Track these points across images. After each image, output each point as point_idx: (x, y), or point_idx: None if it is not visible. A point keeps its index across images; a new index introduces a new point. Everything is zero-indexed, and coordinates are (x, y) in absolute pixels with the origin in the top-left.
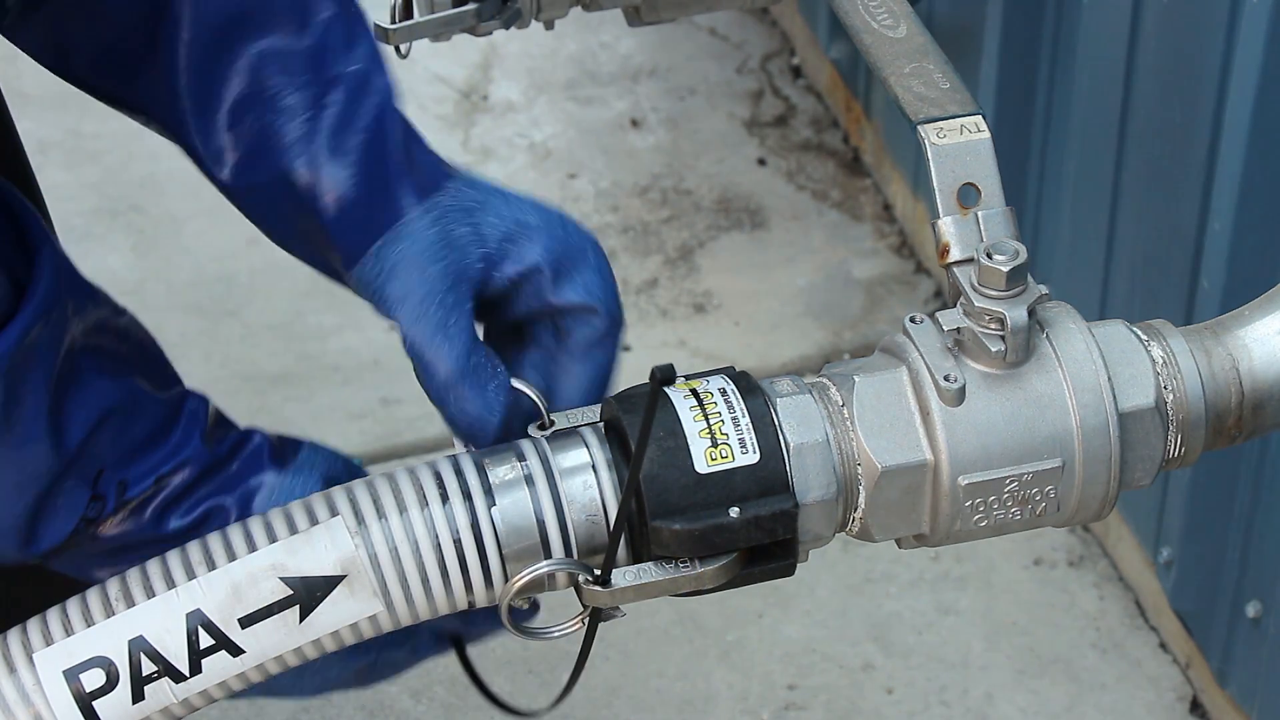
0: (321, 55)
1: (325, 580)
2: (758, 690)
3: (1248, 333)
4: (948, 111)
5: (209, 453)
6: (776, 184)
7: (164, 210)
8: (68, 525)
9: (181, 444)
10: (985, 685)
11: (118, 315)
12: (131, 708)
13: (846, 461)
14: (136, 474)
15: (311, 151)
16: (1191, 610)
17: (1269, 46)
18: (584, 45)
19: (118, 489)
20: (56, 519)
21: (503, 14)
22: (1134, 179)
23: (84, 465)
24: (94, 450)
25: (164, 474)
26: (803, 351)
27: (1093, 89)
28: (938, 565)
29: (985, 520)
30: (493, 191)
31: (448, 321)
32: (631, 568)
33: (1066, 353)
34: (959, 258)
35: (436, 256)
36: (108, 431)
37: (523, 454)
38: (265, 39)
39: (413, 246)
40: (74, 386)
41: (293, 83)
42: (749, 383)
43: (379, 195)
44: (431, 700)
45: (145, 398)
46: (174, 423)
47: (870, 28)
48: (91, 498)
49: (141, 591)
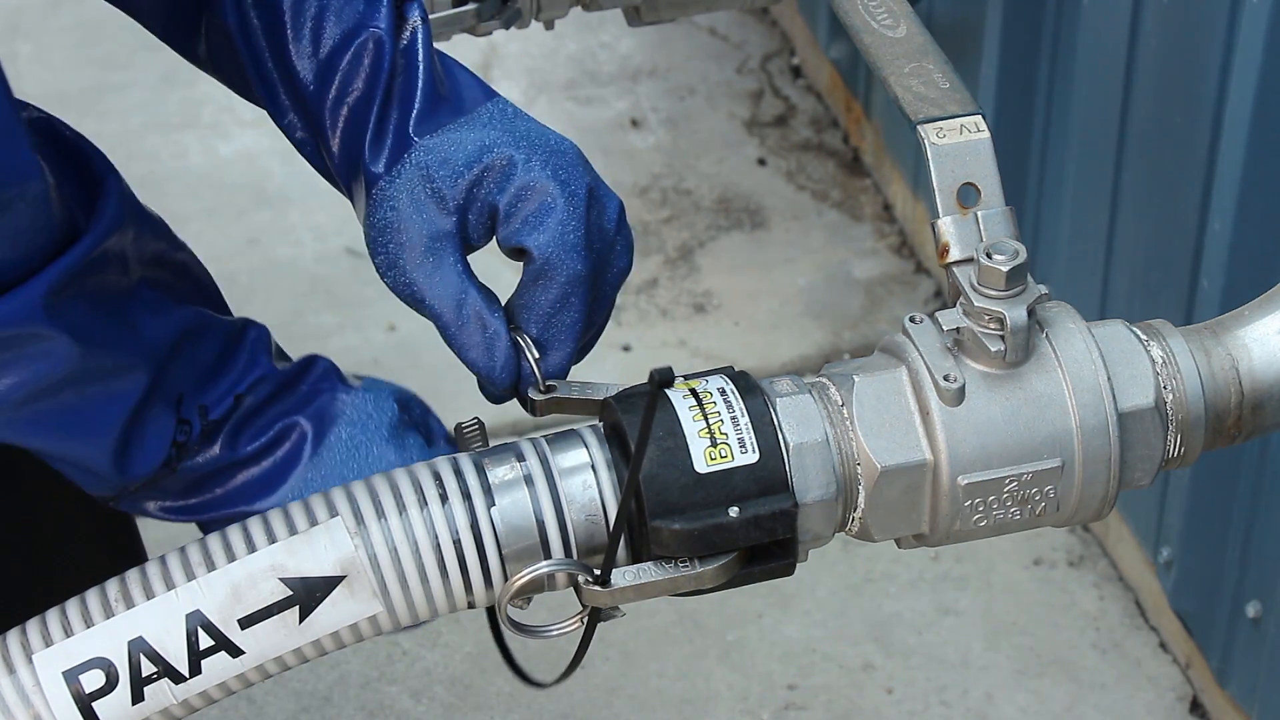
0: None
1: (325, 581)
2: (758, 690)
3: (1247, 333)
4: (948, 111)
5: (279, 371)
6: (776, 184)
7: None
8: (159, 451)
9: (251, 364)
10: (985, 685)
11: (176, 250)
12: (131, 709)
13: (846, 461)
14: (215, 396)
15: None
16: (1191, 610)
17: (1269, 46)
18: (584, 45)
19: (200, 412)
20: (147, 444)
21: (503, 14)
22: (1134, 179)
23: (165, 389)
24: (173, 373)
25: (240, 393)
26: (803, 351)
27: (1093, 89)
28: (938, 565)
29: (985, 520)
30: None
31: (432, 277)
32: (631, 568)
33: (1066, 353)
34: (959, 258)
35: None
36: (182, 355)
37: (522, 454)
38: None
39: (390, 213)
40: (145, 310)
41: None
42: (748, 383)
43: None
44: (431, 700)
45: (212, 321)
46: (239, 345)
47: (870, 28)
48: (178, 422)
49: (141, 592)
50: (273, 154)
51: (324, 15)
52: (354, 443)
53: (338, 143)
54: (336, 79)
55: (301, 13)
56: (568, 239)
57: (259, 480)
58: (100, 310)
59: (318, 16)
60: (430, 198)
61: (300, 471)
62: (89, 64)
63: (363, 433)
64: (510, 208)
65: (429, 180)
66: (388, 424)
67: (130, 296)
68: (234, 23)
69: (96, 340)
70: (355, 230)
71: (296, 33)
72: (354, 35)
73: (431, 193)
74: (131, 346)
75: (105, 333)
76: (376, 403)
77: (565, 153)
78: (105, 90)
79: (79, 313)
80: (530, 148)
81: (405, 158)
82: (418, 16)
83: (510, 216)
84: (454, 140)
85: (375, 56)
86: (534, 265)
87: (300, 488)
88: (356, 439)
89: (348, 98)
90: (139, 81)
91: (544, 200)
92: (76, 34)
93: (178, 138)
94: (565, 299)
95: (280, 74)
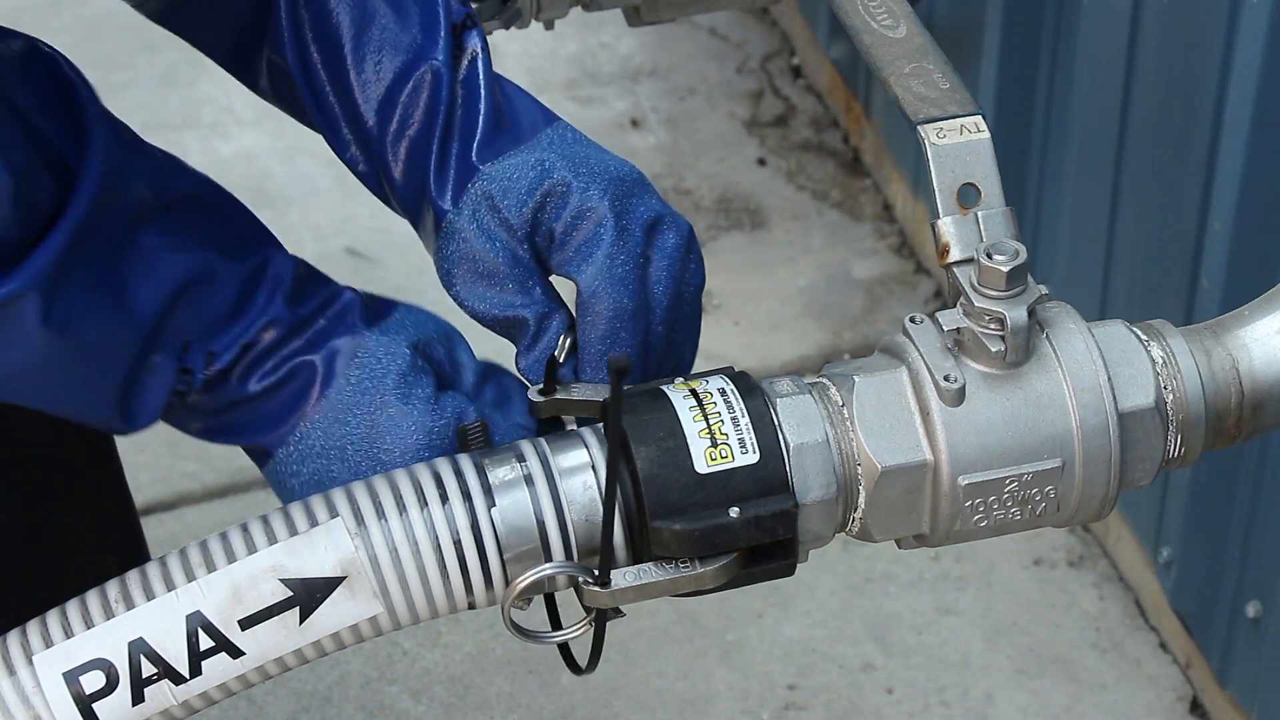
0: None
1: (325, 582)
2: (758, 690)
3: (1248, 333)
4: (948, 111)
5: (293, 313)
6: (776, 184)
7: None
8: (159, 400)
9: (264, 308)
10: (985, 685)
11: (183, 178)
12: (131, 710)
13: (846, 461)
14: (222, 344)
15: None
16: (1191, 610)
17: (1269, 46)
18: (584, 45)
19: (205, 359)
20: (147, 394)
21: (503, 14)
22: (1134, 179)
23: (167, 340)
24: (174, 325)
25: (249, 341)
26: (803, 351)
27: (1093, 89)
28: (938, 565)
29: (985, 520)
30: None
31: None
32: (631, 568)
33: (1066, 353)
34: (959, 258)
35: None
36: (187, 305)
37: (522, 455)
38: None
39: (462, 244)
40: (140, 264)
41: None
42: (749, 383)
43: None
44: (431, 700)
45: (222, 269)
46: (256, 288)
47: (870, 28)
48: (180, 371)
49: (141, 593)
50: (273, 154)
51: (382, 50)
52: (360, 388)
53: (401, 177)
54: (396, 113)
55: (361, 48)
56: (615, 272)
57: (268, 415)
58: (86, 285)
59: (377, 51)
60: (500, 226)
61: (308, 410)
62: (89, 64)
63: (370, 378)
64: (564, 236)
65: (494, 210)
66: (396, 372)
67: (124, 254)
68: (293, 58)
69: (77, 324)
70: (355, 230)
71: (357, 68)
72: (413, 68)
73: (500, 222)
74: (119, 320)
75: (90, 312)
76: (388, 348)
77: (624, 179)
78: (105, 90)
79: (66, 296)
80: (589, 174)
81: (470, 188)
82: (477, 44)
83: (563, 245)
84: (515, 166)
85: (434, 89)
86: (581, 298)
87: (309, 429)
88: (364, 384)
89: (408, 131)
90: (139, 81)
91: (595, 230)
92: (76, 34)
93: (178, 138)
94: (614, 334)
95: (341, 109)
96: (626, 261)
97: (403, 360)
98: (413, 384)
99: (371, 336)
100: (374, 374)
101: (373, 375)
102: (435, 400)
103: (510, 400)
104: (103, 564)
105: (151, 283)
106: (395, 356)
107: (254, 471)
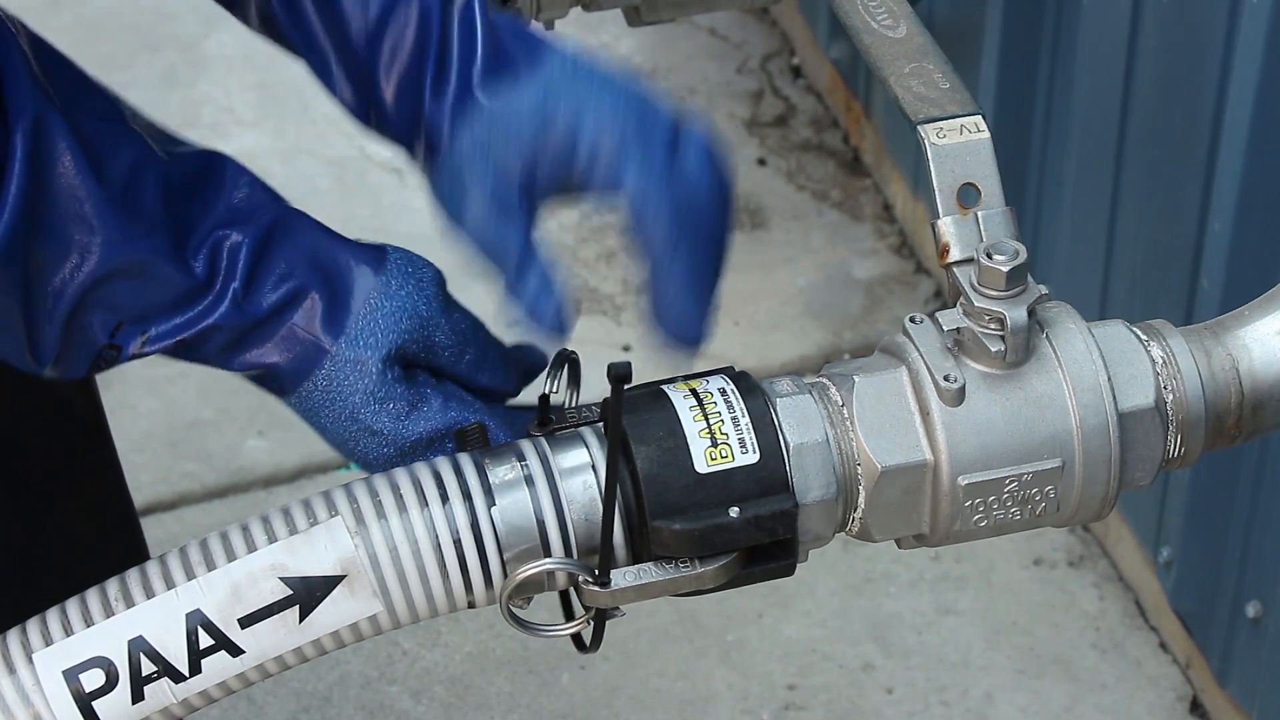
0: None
1: (325, 580)
2: (758, 690)
3: (1248, 333)
4: (948, 111)
5: (242, 316)
6: (776, 184)
7: None
8: (80, 365)
9: (209, 310)
10: (985, 685)
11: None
12: (131, 708)
13: (846, 461)
14: (161, 331)
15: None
16: (1191, 610)
17: (1269, 46)
18: (584, 45)
19: (140, 340)
20: (68, 359)
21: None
22: (1134, 179)
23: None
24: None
25: (187, 339)
26: (803, 351)
27: (1093, 89)
28: (938, 565)
29: (985, 520)
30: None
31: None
32: (631, 568)
33: (1066, 353)
34: (959, 258)
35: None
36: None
37: (523, 454)
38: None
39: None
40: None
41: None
42: (749, 383)
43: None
44: (431, 700)
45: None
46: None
47: (870, 28)
48: (106, 346)
49: (141, 591)
50: (273, 154)
51: None
52: (328, 396)
53: (393, 104)
54: (387, 41)
55: None
56: (654, 175)
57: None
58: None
59: None
60: (496, 150)
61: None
62: (89, 64)
63: (336, 391)
64: (586, 159)
65: (492, 133)
66: (363, 390)
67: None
68: None
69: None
70: (355, 230)
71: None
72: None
73: (497, 145)
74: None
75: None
76: (355, 364)
77: (635, 94)
78: None
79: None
80: (599, 92)
81: (468, 112)
82: None
83: (591, 169)
84: (517, 93)
85: (424, 15)
86: (631, 212)
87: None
88: (330, 393)
89: (400, 57)
90: (139, 81)
91: (619, 145)
92: (76, 34)
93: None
94: (676, 232)
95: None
96: (664, 163)
97: (369, 378)
98: (383, 400)
99: (337, 347)
100: (340, 389)
101: (340, 390)
102: (407, 415)
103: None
104: (103, 564)
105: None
106: (363, 374)
107: (254, 471)
